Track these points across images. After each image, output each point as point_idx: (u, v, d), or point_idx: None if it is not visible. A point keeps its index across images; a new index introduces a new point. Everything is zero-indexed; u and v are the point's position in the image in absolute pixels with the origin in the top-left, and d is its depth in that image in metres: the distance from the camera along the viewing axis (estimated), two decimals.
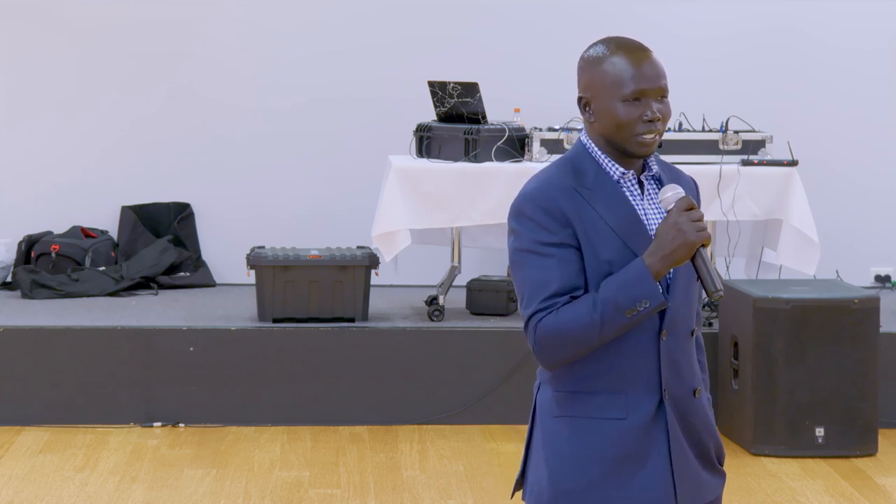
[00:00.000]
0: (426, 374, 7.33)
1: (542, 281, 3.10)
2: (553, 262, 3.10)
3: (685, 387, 3.19)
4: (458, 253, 7.71)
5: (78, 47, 8.63)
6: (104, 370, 7.23)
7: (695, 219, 3.06)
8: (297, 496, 6.22)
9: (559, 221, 3.10)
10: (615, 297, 3.05)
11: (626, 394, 3.14)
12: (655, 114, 3.12)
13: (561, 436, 3.18)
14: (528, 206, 3.13)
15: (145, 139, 8.69)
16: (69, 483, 6.37)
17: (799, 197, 7.44)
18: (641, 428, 3.14)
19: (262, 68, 8.69)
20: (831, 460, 6.73)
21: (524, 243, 3.13)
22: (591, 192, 3.14)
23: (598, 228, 3.11)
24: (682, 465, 3.17)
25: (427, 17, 8.68)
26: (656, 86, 3.13)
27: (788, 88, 8.74)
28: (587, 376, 3.16)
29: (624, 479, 3.14)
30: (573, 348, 3.11)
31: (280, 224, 8.64)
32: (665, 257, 3.05)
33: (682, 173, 3.31)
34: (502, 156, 7.48)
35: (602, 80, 3.19)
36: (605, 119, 3.17)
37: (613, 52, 3.18)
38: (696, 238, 3.04)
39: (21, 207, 8.66)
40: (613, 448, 3.14)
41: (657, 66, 3.15)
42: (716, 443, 3.28)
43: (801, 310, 6.72)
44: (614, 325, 3.06)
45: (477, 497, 6.22)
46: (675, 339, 3.17)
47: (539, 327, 3.12)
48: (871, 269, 8.84)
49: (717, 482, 3.29)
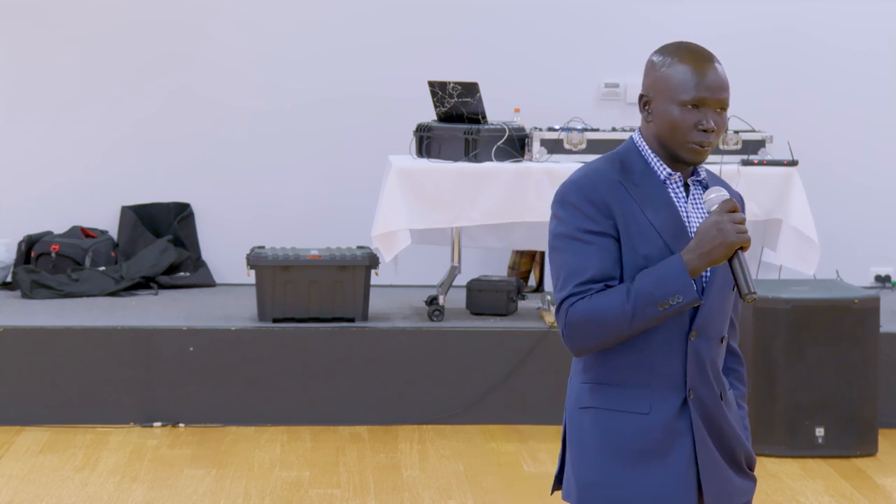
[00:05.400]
0: (426, 374, 7.33)
1: (579, 267, 3.14)
2: (592, 249, 3.14)
3: (712, 389, 3.22)
4: (458, 253, 7.71)
5: (78, 47, 8.64)
6: (104, 370, 7.23)
7: (737, 220, 3.10)
8: (297, 496, 6.22)
9: (601, 211, 3.15)
10: (650, 289, 3.09)
11: (651, 389, 3.18)
12: (710, 124, 3.16)
13: (584, 427, 3.22)
14: (573, 193, 3.17)
15: (145, 139, 8.69)
16: (69, 483, 6.37)
17: (799, 197, 7.44)
18: (664, 424, 3.17)
19: (262, 68, 8.69)
20: (831, 460, 6.73)
21: (566, 229, 3.17)
22: (637, 187, 3.19)
23: (639, 223, 3.16)
24: (708, 464, 3.20)
25: (427, 17, 8.69)
26: (717, 97, 3.18)
27: (788, 88, 8.74)
28: (614, 368, 3.19)
29: (644, 473, 3.17)
30: (602, 335, 3.13)
31: (280, 224, 8.64)
32: (703, 255, 3.09)
33: (730, 186, 3.34)
34: (502, 156, 7.48)
35: (665, 83, 3.19)
36: (662, 121, 3.20)
37: (682, 58, 3.20)
38: (736, 239, 3.08)
39: (21, 207, 8.66)
40: (635, 441, 3.17)
41: (721, 78, 3.20)
42: (745, 449, 3.30)
43: (801, 310, 6.72)
44: (645, 317, 3.10)
45: (477, 497, 6.22)
46: (704, 342, 3.20)
47: (571, 311, 3.14)
48: (871, 269, 8.85)
49: (748, 486, 3.32)
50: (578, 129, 7.55)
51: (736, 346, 3.39)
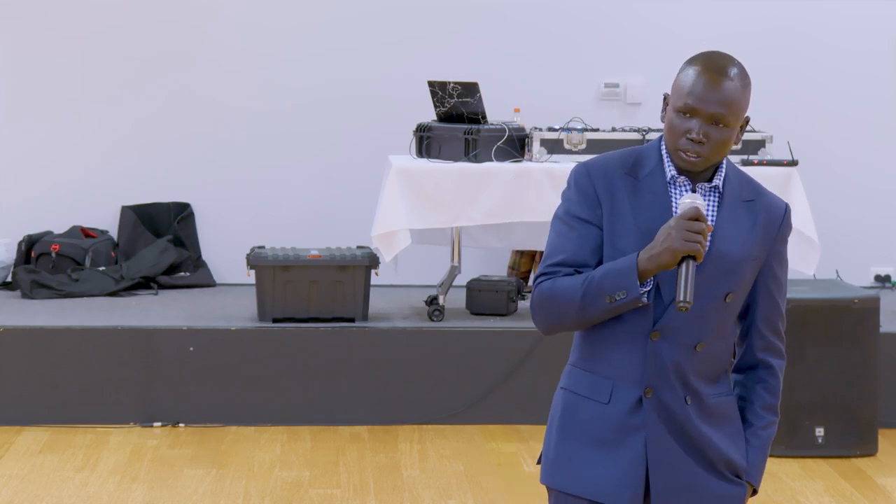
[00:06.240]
0: (426, 374, 7.33)
1: (556, 248, 3.24)
2: (573, 234, 3.22)
3: (676, 393, 3.22)
4: (458, 253, 7.71)
5: (78, 47, 8.63)
6: (104, 370, 7.23)
7: (692, 229, 3.09)
8: (297, 496, 6.22)
9: (589, 200, 3.22)
10: (600, 281, 3.15)
11: (613, 380, 3.23)
12: (698, 135, 3.15)
13: (557, 407, 3.33)
14: (572, 178, 3.27)
15: (145, 139, 8.69)
16: (69, 483, 6.37)
17: (799, 197, 7.43)
18: (620, 416, 3.22)
19: (262, 68, 8.69)
20: (831, 460, 6.73)
21: (559, 211, 3.27)
22: (638, 183, 3.22)
23: (624, 218, 3.19)
24: (660, 463, 3.22)
25: (427, 17, 8.69)
26: (709, 109, 3.14)
27: (788, 88, 8.74)
28: (588, 354, 3.27)
29: (594, 460, 3.24)
30: (556, 317, 3.22)
31: (280, 224, 8.64)
32: (653, 257, 3.12)
33: (769, 197, 3.31)
34: (502, 156, 7.48)
35: (674, 86, 3.20)
36: (665, 123, 3.23)
37: (693, 64, 3.18)
38: (681, 246, 3.08)
39: (21, 207, 8.66)
40: (591, 428, 3.25)
41: (723, 93, 3.14)
42: (724, 456, 3.27)
43: (801, 310, 6.72)
44: (595, 308, 3.16)
45: (477, 497, 6.22)
46: (670, 345, 3.20)
47: (536, 288, 3.24)
48: (871, 269, 8.85)
49: (731, 492, 3.29)
50: (578, 130, 7.55)
51: (769, 358, 3.35)
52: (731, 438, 3.29)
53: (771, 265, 3.31)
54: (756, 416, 3.35)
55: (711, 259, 3.17)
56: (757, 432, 3.34)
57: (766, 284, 3.31)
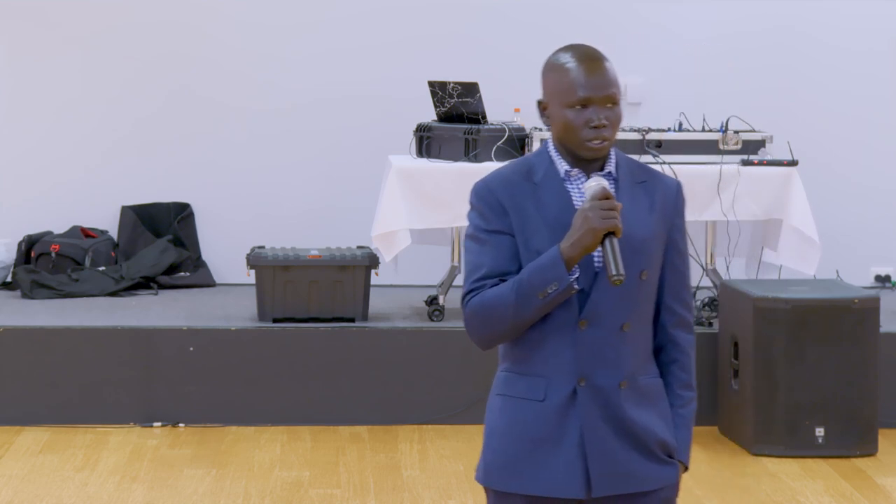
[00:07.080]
0: (426, 374, 7.33)
1: (475, 264, 3.32)
2: (487, 248, 3.30)
3: (610, 378, 3.30)
4: (458, 253, 7.71)
5: (78, 47, 8.64)
6: (104, 370, 7.23)
7: (604, 207, 3.20)
8: (297, 496, 6.22)
9: (495, 211, 3.30)
10: (530, 279, 3.23)
11: (546, 377, 3.31)
12: (601, 121, 3.30)
13: (494, 413, 3.40)
14: (473, 196, 3.35)
15: (145, 139, 8.69)
16: (69, 483, 6.38)
17: (799, 197, 7.43)
18: (557, 411, 3.29)
19: (262, 68, 8.69)
20: (831, 460, 6.73)
21: (469, 230, 3.36)
22: (537, 186, 3.32)
23: (532, 220, 3.29)
24: (596, 451, 3.29)
25: (427, 17, 8.69)
26: (602, 94, 3.31)
27: (788, 88, 8.74)
28: (520, 358, 3.35)
29: (539, 460, 3.31)
30: (493, 326, 3.30)
31: (280, 224, 8.64)
32: (575, 243, 3.21)
33: (660, 176, 3.44)
34: (502, 156, 7.48)
35: (554, 87, 3.37)
36: (558, 124, 3.35)
37: (566, 61, 3.35)
38: (600, 224, 3.19)
39: (21, 207, 8.66)
40: (532, 428, 3.31)
41: (606, 76, 3.33)
42: (657, 437, 3.34)
43: (801, 310, 6.72)
44: (530, 307, 3.23)
45: (477, 497, 6.22)
46: (597, 330, 3.28)
47: (467, 306, 3.31)
48: (871, 269, 8.84)
49: (664, 472, 3.36)
50: None
51: (679, 333, 3.42)
52: (663, 418, 3.38)
53: (674, 239, 3.41)
54: (675, 397, 3.42)
55: (620, 241, 3.24)
56: (679, 412, 3.42)
57: (671, 259, 3.40)
